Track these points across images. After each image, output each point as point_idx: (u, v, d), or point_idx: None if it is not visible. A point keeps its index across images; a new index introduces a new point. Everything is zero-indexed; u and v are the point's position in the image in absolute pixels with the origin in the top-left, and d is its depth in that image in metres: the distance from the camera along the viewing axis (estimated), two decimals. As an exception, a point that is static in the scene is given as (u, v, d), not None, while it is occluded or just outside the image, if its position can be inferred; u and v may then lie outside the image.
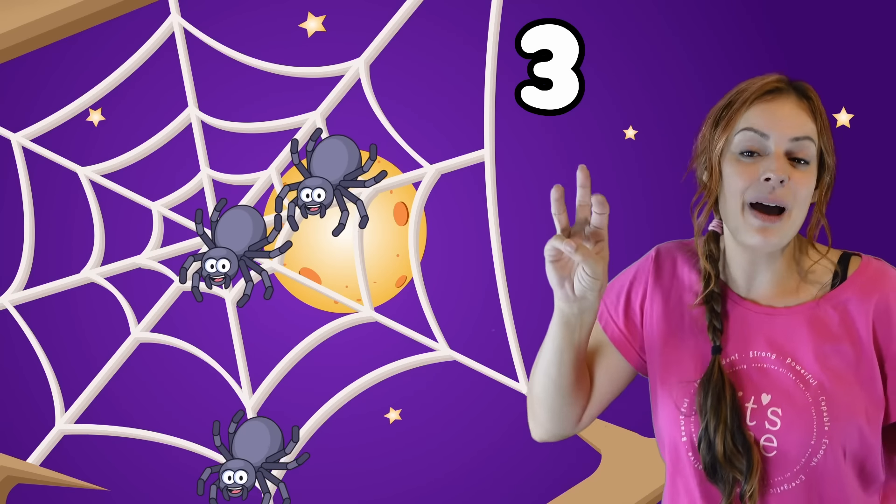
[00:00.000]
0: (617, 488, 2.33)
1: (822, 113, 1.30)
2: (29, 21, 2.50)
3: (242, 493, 2.35)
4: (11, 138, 2.53)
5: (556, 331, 1.32)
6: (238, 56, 2.47)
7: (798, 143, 1.27)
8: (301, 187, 2.31)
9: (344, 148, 2.33)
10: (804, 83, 1.31)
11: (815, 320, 1.30)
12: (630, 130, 2.39)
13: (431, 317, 2.41)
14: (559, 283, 1.25)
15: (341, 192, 2.31)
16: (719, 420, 1.28)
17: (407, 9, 2.42)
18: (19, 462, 2.50)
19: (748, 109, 1.29)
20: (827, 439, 1.27)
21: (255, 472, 2.35)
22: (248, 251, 2.34)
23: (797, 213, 1.27)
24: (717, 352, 1.31)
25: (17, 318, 2.51)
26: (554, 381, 1.36)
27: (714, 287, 1.33)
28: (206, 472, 2.37)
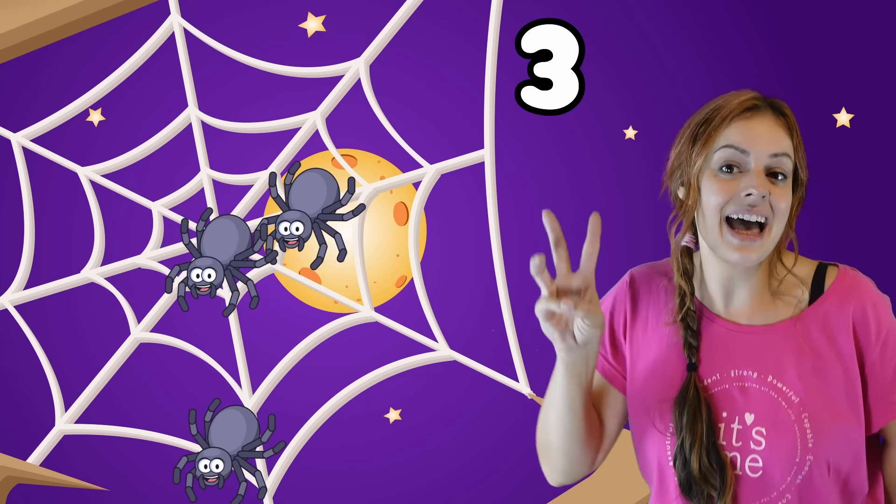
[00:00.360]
0: (617, 488, 2.33)
1: (797, 129, 1.31)
2: (29, 21, 2.50)
3: (219, 482, 2.36)
4: (11, 138, 2.53)
5: (565, 381, 1.32)
6: (238, 56, 2.47)
7: (777, 159, 1.28)
8: (279, 220, 2.33)
9: (322, 181, 2.35)
10: (779, 100, 1.33)
11: (796, 337, 1.30)
12: (630, 130, 2.39)
13: (431, 317, 2.41)
14: (560, 337, 1.26)
15: (320, 226, 2.33)
16: (695, 438, 1.29)
17: (407, 9, 2.42)
18: (19, 462, 2.50)
19: (727, 127, 1.30)
20: (811, 456, 1.27)
21: (232, 461, 2.35)
22: (234, 261, 2.35)
23: (777, 228, 1.28)
24: (693, 369, 1.32)
25: (17, 318, 2.51)
26: (570, 429, 1.37)
27: (689, 305, 1.33)
28: (182, 461, 2.38)
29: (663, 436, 1.33)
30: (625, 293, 1.40)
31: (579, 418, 1.35)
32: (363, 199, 2.41)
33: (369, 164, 2.46)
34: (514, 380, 2.40)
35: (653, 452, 1.36)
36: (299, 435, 2.44)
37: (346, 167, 2.42)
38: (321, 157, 2.49)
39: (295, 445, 2.44)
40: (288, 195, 2.32)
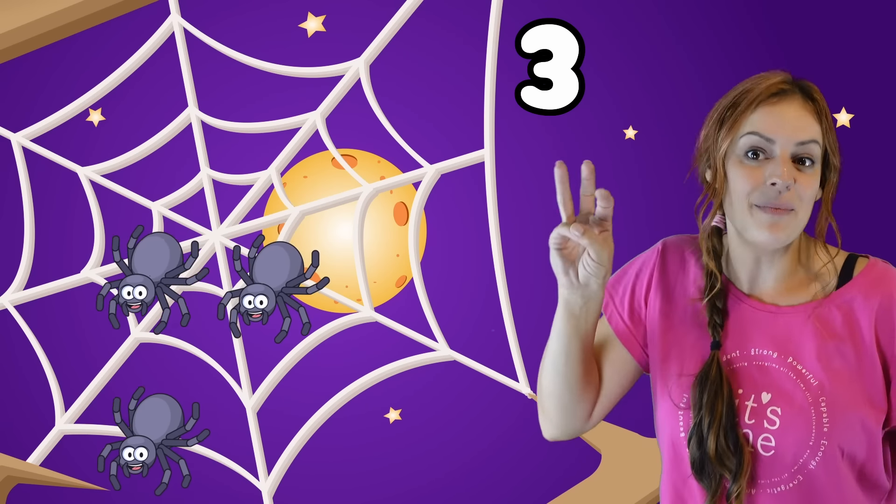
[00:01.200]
0: (617, 488, 2.33)
1: (828, 113, 1.30)
2: (29, 21, 2.50)
3: (143, 470, 2.36)
4: (11, 138, 2.53)
5: (562, 322, 1.31)
6: (238, 56, 2.47)
7: (804, 146, 1.27)
8: (243, 294, 2.34)
9: (286, 255, 2.36)
10: (809, 83, 1.31)
11: (818, 319, 1.29)
12: (630, 130, 2.39)
13: (431, 317, 2.41)
14: (564, 270, 1.25)
15: (284, 299, 2.34)
16: (714, 417, 1.28)
17: (407, 9, 2.42)
18: (19, 462, 2.50)
19: (753, 112, 1.29)
20: (826, 440, 1.26)
21: (156, 449, 2.35)
22: (165, 278, 2.36)
23: (803, 213, 1.27)
24: (717, 347, 1.31)
25: (17, 318, 2.51)
26: (562, 374, 1.35)
27: (718, 284, 1.33)
28: (107, 449, 2.38)
29: (676, 409, 1.32)
30: (654, 260, 1.39)
31: (574, 364, 1.34)
32: (363, 199, 2.41)
33: (369, 164, 2.46)
34: (515, 380, 2.40)
35: (665, 425, 1.35)
36: (299, 435, 2.44)
37: (346, 167, 2.42)
38: (321, 157, 2.49)
39: (295, 445, 2.44)
40: (252, 268, 2.34)
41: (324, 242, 2.48)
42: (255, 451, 2.46)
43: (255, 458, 2.46)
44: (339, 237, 2.45)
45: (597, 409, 1.40)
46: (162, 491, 2.38)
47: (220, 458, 2.47)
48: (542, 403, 1.41)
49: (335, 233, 2.48)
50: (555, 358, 1.35)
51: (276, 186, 2.45)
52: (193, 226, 2.49)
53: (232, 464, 2.47)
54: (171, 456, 2.36)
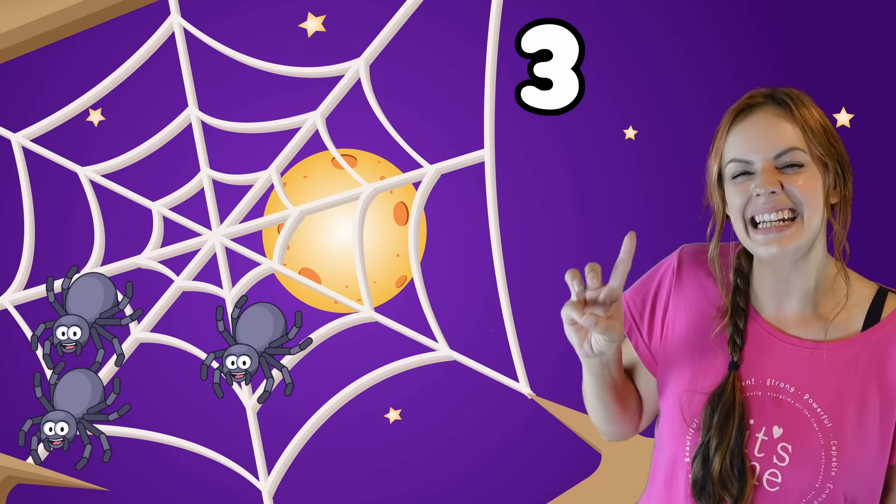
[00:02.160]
0: (617, 488, 2.33)
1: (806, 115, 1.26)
2: (29, 21, 2.50)
3: (64, 444, 2.37)
4: (11, 138, 2.53)
5: (589, 380, 1.37)
6: (238, 56, 2.47)
7: (781, 157, 1.25)
8: (226, 354, 2.36)
9: (269, 315, 2.38)
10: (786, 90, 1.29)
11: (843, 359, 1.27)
12: (630, 130, 2.39)
13: (431, 317, 2.41)
14: (578, 343, 1.28)
15: (266, 360, 2.36)
16: (723, 439, 1.26)
17: (407, 9, 2.42)
18: (19, 462, 2.50)
19: (728, 136, 1.29)
20: (832, 484, 1.24)
21: (77, 423, 2.36)
22: (100, 318, 2.38)
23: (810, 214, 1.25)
24: (735, 368, 1.29)
25: (17, 318, 2.51)
26: (599, 411, 1.42)
27: (741, 303, 1.32)
28: (27, 423, 2.39)
29: (686, 428, 1.31)
30: (671, 276, 1.39)
31: (608, 402, 1.39)
32: (363, 199, 2.41)
33: (369, 164, 2.46)
34: (514, 380, 2.40)
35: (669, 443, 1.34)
36: (299, 435, 2.44)
37: (346, 167, 2.42)
38: (321, 156, 2.49)
39: (295, 445, 2.44)
40: (235, 329, 2.36)
41: (324, 242, 2.48)
42: (255, 451, 2.46)
43: (255, 458, 2.46)
44: (339, 237, 2.45)
45: (643, 420, 1.46)
46: (83, 465, 2.39)
47: (220, 458, 2.47)
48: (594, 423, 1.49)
49: (335, 233, 2.48)
50: (591, 400, 1.41)
51: (276, 186, 2.45)
52: (193, 226, 2.49)
53: (232, 464, 2.47)
54: (92, 430, 2.36)
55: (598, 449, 2.35)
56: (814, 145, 1.25)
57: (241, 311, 2.36)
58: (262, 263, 2.45)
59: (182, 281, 2.49)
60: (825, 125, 1.27)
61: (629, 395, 1.41)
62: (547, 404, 2.36)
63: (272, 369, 2.33)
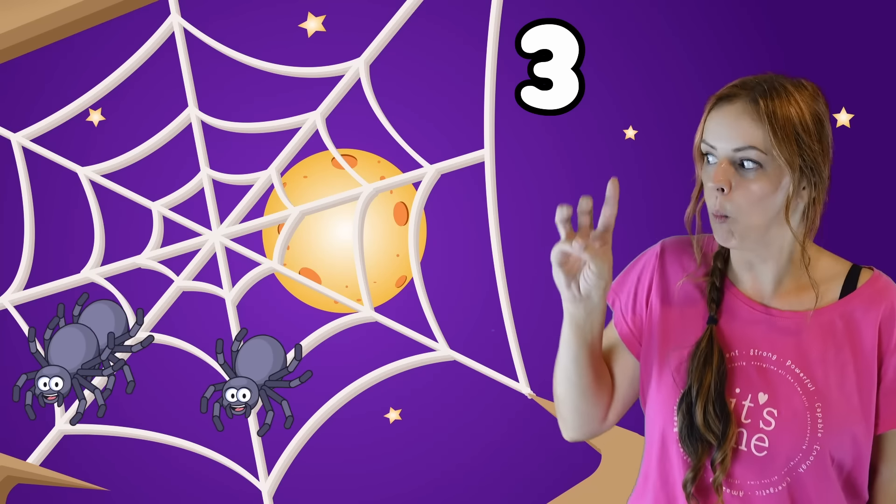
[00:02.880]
0: (617, 488, 2.33)
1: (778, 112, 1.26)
2: (29, 21, 2.50)
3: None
4: (11, 138, 2.53)
5: (568, 334, 1.35)
6: (238, 56, 2.47)
7: (739, 153, 1.27)
8: (226, 388, 2.37)
9: (269, 348, 2.38)
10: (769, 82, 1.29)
11: (820, 326, 1.30)
12: (630, 130, 2.39)
13: (431, 317, 2.41)
14: (566, 284, 1.29)
15: (267, 393, 2.36)
16: (702, 385, 1.29)
17: (407, 9, 2.42)
18: (19, 462, 2.50)
19: (707, 118, 1.32)
20: (818, 446, 1.27)
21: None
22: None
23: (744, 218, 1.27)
24: (713, 322, 1.33)
25: (17, 318, 2.51)
26: (574, 382, 1.39)
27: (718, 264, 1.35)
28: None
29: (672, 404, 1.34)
30: (654, 262, 1.42)
31: (584, 372, 1.37)
32: (363, 199, 2.41)
33: (369, 164, 2.46)
34: (514, 380, 2.40)
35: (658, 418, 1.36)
36: (299, 435, 2.44)
37: (346, 167, 2.42)
38: (321, 156, 2.49)
39: (295, 445, 2.44)
40: (235, 362, 2.36)
41: (324, 242, 2.48)
42: (255, 451, 2.46)
43: (255, 458, 2.46)
44: (339, 237, 2.45)
45: (611, 411, 1.43)
46: (77, 420, 2.39)
47: (220, 458, 2.47)
48: (558, 409, 1.45)
49: (335, 233, 2.48)
50: (565, 368, 1.38)
51: (276, 186, 2.45)
52: (193, 226, 2.49)
53: (232, 464, 2.47)
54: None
55: (598, 449, 2.35)
56: (775, 146, 1.25)
57: (243, 342, 2.37)
58: (262, 263, 2.45)
59: (182, 281, 2.49)
60: (803, 125, 1.27)
61: (603, 370, 1.41)
62: (547, 404, 2.36)
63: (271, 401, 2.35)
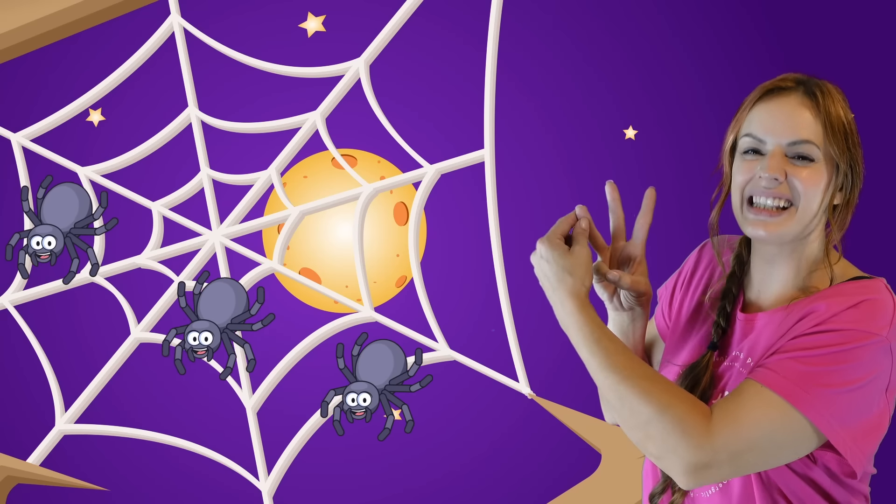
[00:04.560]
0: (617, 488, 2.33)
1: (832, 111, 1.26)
2: (29, 21, 2.50)
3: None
4: (11, 138, 2.53)
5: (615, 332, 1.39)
6: (238, 56, 2.47)
7: (794, 147, 1.26)
8: (188, 331, 2.35)
9: (231, 291, 2.36)
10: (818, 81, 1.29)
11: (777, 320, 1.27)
12: (630, 130, 2.39)
13: (431, 317, 2.41)
14: (609, 298, 1.34)
15: (229, 335, 2.34)
16: None
17: (407, 9, 2.42)
18: (19, 462, 2.50)
19: (751, 111, 1.29)
20: None
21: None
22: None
23: (805, 208, 1.25)
24: (713, 348, 1.32)
25: (17, 318, 2.51)
26: None
27: (733, 288, 1.34)
28: (14, 238, 2.37)
29: None
30: (693, 259, 1.45)
31: None
32: (363, 199, 2.41)
33: (369, 164, 2.46)
34: (515, 380, 2.40)
35: None
36: (299, 435, 2.44)
37: (346, 167, 2.42)
38: (321, 156, 2.49)
39: (295, 445, 2.44)
40: (197, 305, 2.34)
41: (324, 242, 2.48)
42: (255, 451, 2.46)
43: (255, 458, 2.46)
44: (339, 237, 2.45)
45: None
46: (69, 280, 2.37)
47: (220, 458, 2.47)
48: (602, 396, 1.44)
49: (335, 233, 2.48)
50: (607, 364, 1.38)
51: (276, 186, 2.45)
52: (193, 226, 2.49)
53: (232, 464, 2.47)
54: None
55: (598, 449, 2.35)
56: (830, 144, 1.26)
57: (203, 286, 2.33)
58: (262, 263, 2.45)
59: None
60: (848, 126, 1.28)
61: None
62: (547, 404, 2.36)
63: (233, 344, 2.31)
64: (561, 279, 1.28)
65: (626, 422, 1.21)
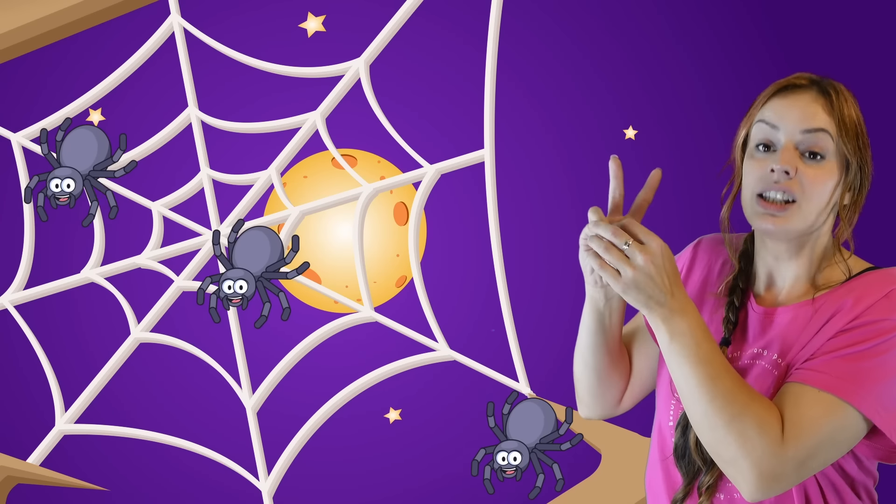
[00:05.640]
0: (617, 488, 2.33)
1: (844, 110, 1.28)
2: (29, 21, 2.50)
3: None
4: (11, 138, 2.53)
5: (588, 316, 1.36)
6: (238, 56, 2.47)
7: (809, 135, 1.26)
8: (222, 279, 2.32)
9: (266, 239, 2.34)
10: (834, 82, 1.30)
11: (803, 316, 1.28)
12: (630, 130, 2.39)
13: (431, 317, 2.41)
14: (590, 269, 1.29)
15: (264, 284, 2.32)
16: None
17: (407, 9, 2.42)
18: (19, 462, 2.50)
19: (765, 104, 1.30)
20: None
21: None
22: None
23: (807, 206, 1.26)
24: (725, 344, 1.32)
25: (17, 318, 2.51)
26: (589, 364, 1.41)
27: (741, 283, 1.34)
28: (33, 180, 2.34)
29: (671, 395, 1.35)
30: (688, 256, 1.43)
31: (600, 356, 1.38)
32: (363, 199, 2.41)
33: (369, 164, 2.46)
34: (515, 380, 2.40)
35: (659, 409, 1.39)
36: (299, 435, 2.44)
37: (346, 167, 2.42)
38: (321, 156, 2.49)
39: (295, 445, 2.44)
40: (231, 253, 2.32)
41: (324, 242, 2.48)
42: (255, 451, 2.46)
43: (255, 458, 2.46)
44: (339, 237, 2.45)
45: (627, 395, 1.46)
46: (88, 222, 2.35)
47: (220, 458, 2.47)
48: (576, 386, 1.47)
49: (335, 233, 2.48)
50: (583, 350, 1.40)
51: (276, 186, 2.45)
52: (193, 226, 2.49)
53: (232, 464, 2.47)
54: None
55: (598, 449, 2.35)
56: (842, 141, 1.27)
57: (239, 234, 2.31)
58: (262, 263, 2.45)
59: (182, 281, 2.49)
60: (859, 127, 1.30)
61: (622, 355, 1.42)
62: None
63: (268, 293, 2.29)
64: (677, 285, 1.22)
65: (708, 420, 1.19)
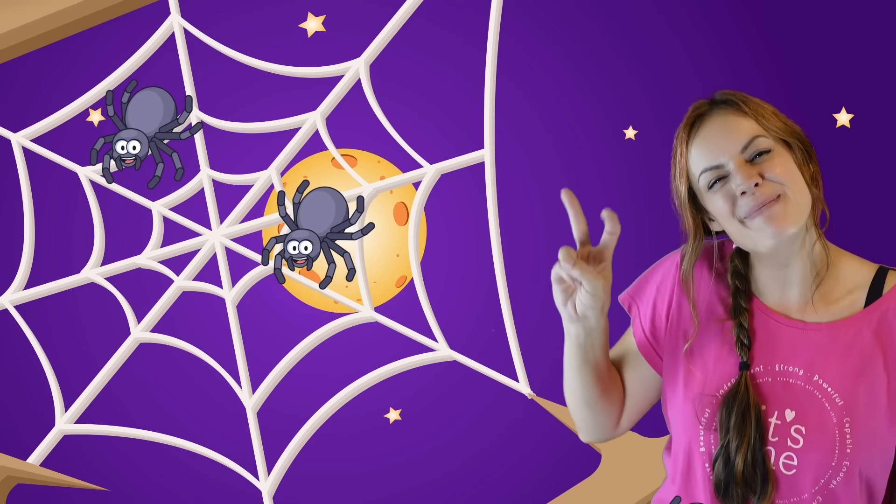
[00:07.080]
0: (617, 488, 2.33)
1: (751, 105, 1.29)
2: (29, 21, 2.50)
3: (135, 163, 2.31)
4: (11, 138, 2.53)
5: (571, 353, 1.34)
6: (238, 56, 2.47)
7: (748, 148, 1.27)
8: (288, 239, 2.31)
9: (331, 200, 2.33)
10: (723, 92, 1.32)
11: (848, 338, 1.27)
12: (630, 130, 2.39)
13: (431, 317, 2.41)
14: (563, 302, 1.28)
15: (328, 245, 2.31)
16: (742, 439, 1.26)
17: (407, 9, 2.42)
18: (19, 462, 2.50)
19: (689, 151, 1.31)
20: (848, 462, 1.25)
21: (149, 143, 2.30)
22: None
23: (793, 194, 1.26)
24: (745, 368, 1.29)
25: (17, 318, 2.51)
26: (579, 396, 1.39)
27: (744, 303, 1.32)
28: (99, 142, 2.33)
29: (697, 425, 1.31)
30: (674, 273, 1.39)
31: (588, 387, 1.36)
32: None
33: (369, 164, 2.46)
34: (515, 380, 2.40)
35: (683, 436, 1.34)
36: (299, 435, 2.44)
37: (346, 167, 2.42)
38: (321, 157, 2.49)
39: (295, 445, 2.45)
40: (297, 215, 2.31)
41: (324, 242, 2.48)
42: (255, 451, 2.46)
43: (255, 458, 2.46)
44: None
45: (624, 418, 1.43)
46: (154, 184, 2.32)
47: (220, 458, 2.47)
48: (571, 414, 1.44)
49: (335, 233, 2.47)
50: (571, 384, 1.38)
51: (276, 186, 2.45)
52: (193, 226, 2.49)
53: (232, 464, 2.47)
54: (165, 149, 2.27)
55: (598, 449, 2.35)
56: (771, 129, 1.28)
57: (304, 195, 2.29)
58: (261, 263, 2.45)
59: (182, 281, 2.49)
60: (774, 110, 1.30)
61: (612, 383, 1.39)
62: (547, 404, 2.36)
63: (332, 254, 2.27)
64: None
65: None
